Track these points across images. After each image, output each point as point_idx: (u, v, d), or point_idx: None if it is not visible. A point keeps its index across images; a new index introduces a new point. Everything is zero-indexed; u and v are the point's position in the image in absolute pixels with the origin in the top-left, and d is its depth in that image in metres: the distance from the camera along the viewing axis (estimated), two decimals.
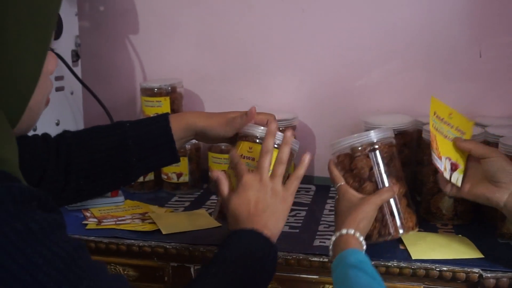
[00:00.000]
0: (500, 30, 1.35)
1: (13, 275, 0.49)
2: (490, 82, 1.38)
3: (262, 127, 0.98)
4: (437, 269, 0.98)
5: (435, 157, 0.99)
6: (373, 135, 1.02)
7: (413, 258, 1.00)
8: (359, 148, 1.00)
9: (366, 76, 1.45)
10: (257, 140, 0.97)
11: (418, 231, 1.03)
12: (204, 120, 1.03)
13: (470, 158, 0.98)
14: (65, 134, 1.00)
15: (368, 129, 1.30)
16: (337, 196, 1.01)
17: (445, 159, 0.99)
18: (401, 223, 0.99)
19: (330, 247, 0.92)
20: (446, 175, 0.98)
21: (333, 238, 0.92)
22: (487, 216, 1.16)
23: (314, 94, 1.49)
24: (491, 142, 1.16)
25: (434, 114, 1.01)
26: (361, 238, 0.90)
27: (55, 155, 0.94)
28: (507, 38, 1.35)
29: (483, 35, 1.36)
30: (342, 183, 1.00)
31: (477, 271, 0.95)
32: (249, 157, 0.96)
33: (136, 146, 0.99)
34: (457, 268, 0.96)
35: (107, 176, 0.98)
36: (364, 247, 0.90)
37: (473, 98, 1.40)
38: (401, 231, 0.98)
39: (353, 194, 0.98)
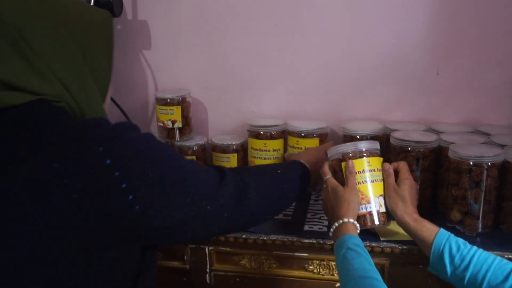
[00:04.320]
0: (454, 53, 1.55)
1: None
2: (446, 95, 1.58)
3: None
4: (399, 247, 1.21)
5: (360, 207, 1.17)
6: (362, 145, 1.21)
7: (381, 239, 1.24)
8: (350, 155, 1.21)
9: (345, 90, 1.63)
10: (302, 134, 1.48)
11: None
12: None
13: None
14: None
15: (346, 134, 1.55)
16: (324, 186, 1.21)
17: (377, 199, 1.18)
18: (378, 218, 1.18)
19: (331, 232, 1.11)
20: (383, 209, 1.18)
21: (335, 225, 1.11)
22: (440, 206, 1.40)
23: (301, 103, 1.67)
24: (444, 147, 1.37)
25: (359, 172, 1.19)
26: (356, 223, 1.11)
27: None
28: (460, 60, 1.55)
29: (440, 57, 1.56)
30: (329, 176, 1.21)
31: None
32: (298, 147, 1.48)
33: None
34: (414, 246, 1.19)
35: None
36: (358, 230, 1.11)
37: (431, 108, 1.60)
38: (376, 223, 1.18)
39: (338, 185, 1.18)
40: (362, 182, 1.19)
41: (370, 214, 1.18)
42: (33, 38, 0.80)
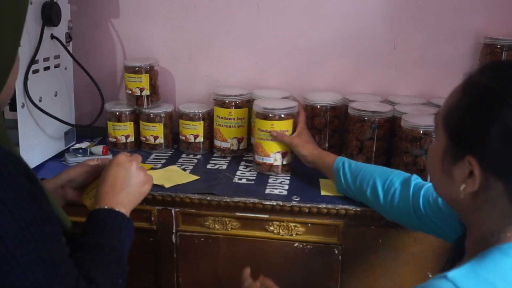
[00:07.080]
0: (410, 29, 1.63)
1: None
2: (402, 69, 1.66)
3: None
4: (353, 209, 1.29)
5: (260, 157, 1.47)
6: (273, 111, 1.44)
7: (322, 193, 1.35)
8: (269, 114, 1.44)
9: (307, 61, 1.69)
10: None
11: None
12: (66, 175, 1.13)
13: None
14: None
15: (307, 104, 1.60)
16: None
17: (274, 154, 1.46)
18: (271, 169, 1.48)
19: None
20: (278, 163, 1.46)
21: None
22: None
23: (265, 74, 1.73)
24: (398, 117, 1.46)
25: (258, 129, 1.46)
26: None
27: None
28: (416, 36, 1.63)
29: (397, 32, 1.63)
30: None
31: None
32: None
33: None
34: (367, 209, 1.27)
35: None
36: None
37: (388, 81, 1.68)
38: (268, 172, 1.49)
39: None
40: (264, 139, 1.46)
41: (266, 164, 1.48)
42: None
